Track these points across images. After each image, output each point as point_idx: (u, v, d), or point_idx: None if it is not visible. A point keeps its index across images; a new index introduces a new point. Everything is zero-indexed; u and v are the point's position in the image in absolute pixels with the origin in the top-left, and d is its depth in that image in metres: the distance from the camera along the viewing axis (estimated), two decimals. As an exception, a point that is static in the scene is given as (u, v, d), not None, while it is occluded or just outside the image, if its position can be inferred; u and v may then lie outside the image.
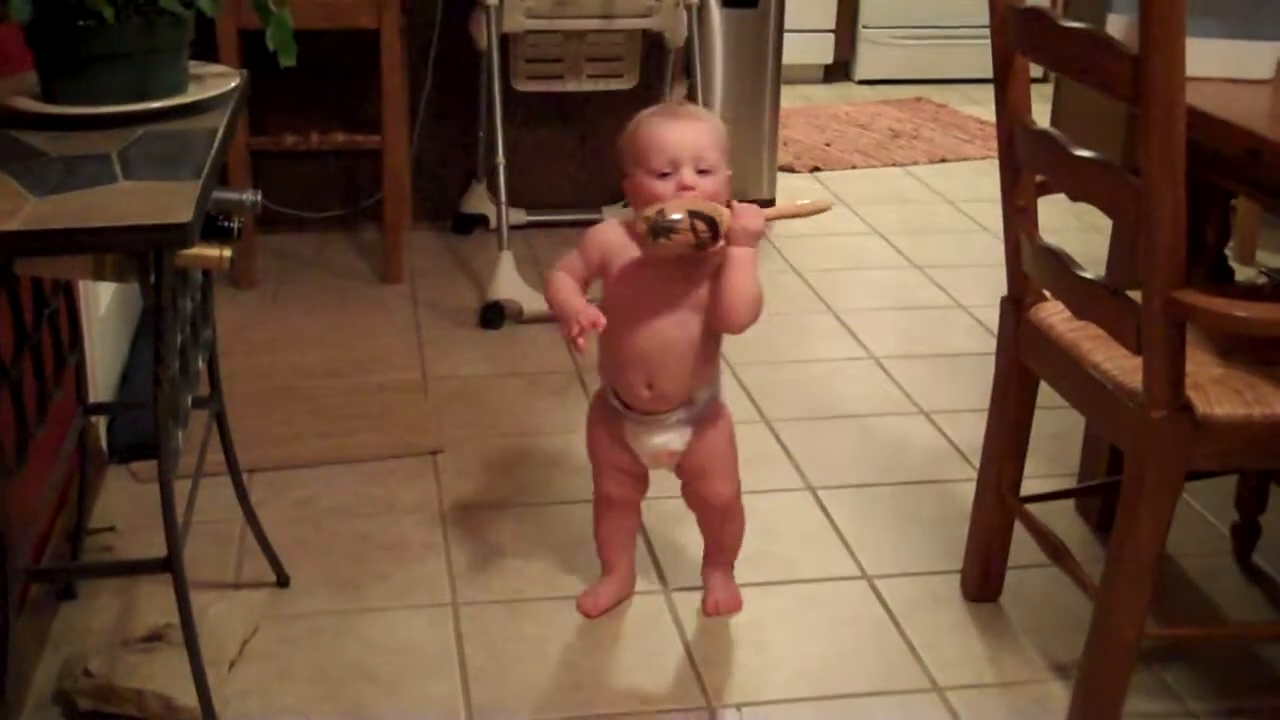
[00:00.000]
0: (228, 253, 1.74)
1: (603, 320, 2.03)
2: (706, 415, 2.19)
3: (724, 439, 2.23)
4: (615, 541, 2.33)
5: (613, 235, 2.12)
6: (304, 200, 4.12)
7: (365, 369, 3.23)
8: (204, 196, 1.55)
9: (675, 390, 2.13)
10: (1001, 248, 2.20)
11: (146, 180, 1.57)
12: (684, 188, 2.02)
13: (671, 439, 2.18)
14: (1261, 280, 3.39)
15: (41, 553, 2.21)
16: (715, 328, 2.10)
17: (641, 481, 2.28)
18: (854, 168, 5.00)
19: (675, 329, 2.10)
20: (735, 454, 2.25)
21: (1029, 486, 2.36)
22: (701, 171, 2.04)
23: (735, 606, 2.33)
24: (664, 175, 2.04)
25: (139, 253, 1.60)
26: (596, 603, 2.31)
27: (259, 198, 1.89)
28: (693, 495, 2.27)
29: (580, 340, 2.04)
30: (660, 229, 1.98)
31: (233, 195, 1.86)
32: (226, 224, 1.81)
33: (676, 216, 1.98)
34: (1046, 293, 2.18)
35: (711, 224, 1.99)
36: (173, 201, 1.50)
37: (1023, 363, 2.21)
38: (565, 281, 2.11)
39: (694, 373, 2.13)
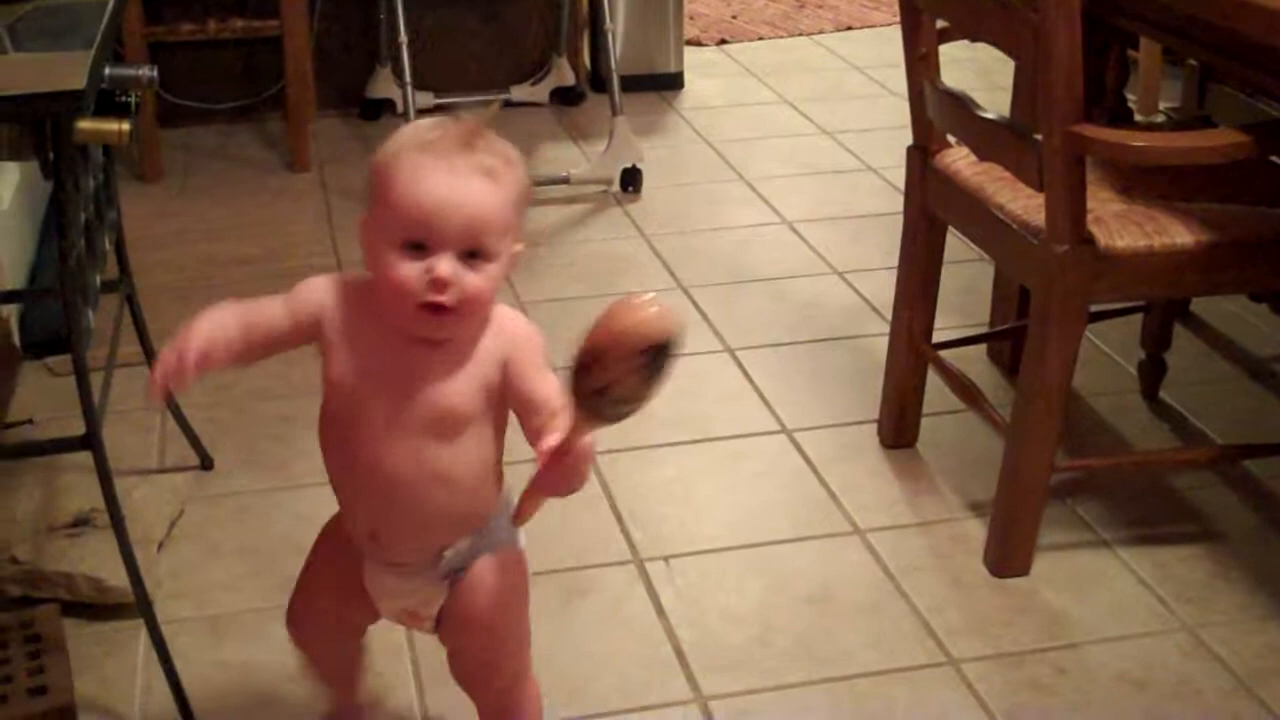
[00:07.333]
0: (126, 126, 1.72)
1: (190, 370, 1.40)
2: (476, 565, 1.48)
3: (497, 598, 1.48)
4: (330, 674, 1.68)
5: (334, 297, 1.42)
6: (206, 92, 4.04)
7: (278, 256, 3.20)
8: (97, 65, 1.53)
9: (409, 546, 1.46)
10: (908, 111, 2.21)
11: (37, 52, 1.55)
12: (438, 282, 1.32)
13: (414, 597, 1.50)
14: (1160, 119, 3.43)
15: (-42, 446, 2.19)
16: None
17: (367, 618, 1.58)
18: (761, 39, 4.98)
19: (412, 457, 1.39)
20: (522, 616, 1.54)
21: (941, 337, 2.40)
22: (471, 256, 1.34)
23: None
24: (414, 248, 1.33)
25: (35, 124, 1.58)
26: None
27: (155, 73, 1.86)
28: (456, 670, 1.56)
29: (160, 385, 1.40)
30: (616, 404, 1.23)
31: (129, 71, 1.83)
32: (124, 98, 1.80)
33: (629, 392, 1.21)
34: (951, 139, 2.20)
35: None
36: (65, 70, 1.49)
37: (930, 210, 2.24)
38: (215, 315, 1.43)
39: (442, 523, 1.45)
